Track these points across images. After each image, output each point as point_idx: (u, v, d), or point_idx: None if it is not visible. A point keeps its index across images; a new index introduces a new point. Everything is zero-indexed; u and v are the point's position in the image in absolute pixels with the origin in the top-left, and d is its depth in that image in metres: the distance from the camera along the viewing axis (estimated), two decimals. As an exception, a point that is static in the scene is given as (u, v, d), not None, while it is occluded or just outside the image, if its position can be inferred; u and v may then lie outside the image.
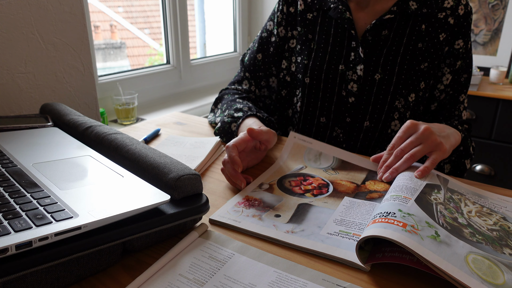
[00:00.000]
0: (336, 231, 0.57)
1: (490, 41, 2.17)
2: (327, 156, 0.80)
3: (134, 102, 1.62)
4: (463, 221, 0.56)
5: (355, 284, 0.47)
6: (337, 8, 0.92)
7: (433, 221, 0.53)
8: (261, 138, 0.76)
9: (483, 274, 0.45)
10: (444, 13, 0.89)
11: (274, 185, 0.72)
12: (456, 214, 0.58)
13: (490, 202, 0.65)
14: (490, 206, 0.64)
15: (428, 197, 0.60)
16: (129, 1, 2.13)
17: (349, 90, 0.93)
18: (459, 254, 0.48)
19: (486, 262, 0.48)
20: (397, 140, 0.72)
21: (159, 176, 0.57)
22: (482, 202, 0.65)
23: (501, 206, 0.64)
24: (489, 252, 0.50)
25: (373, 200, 0.65)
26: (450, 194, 0.64)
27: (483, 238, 0.53)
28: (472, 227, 0.56)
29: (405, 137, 0.71)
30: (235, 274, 0.49)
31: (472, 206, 0.62)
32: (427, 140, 0.69)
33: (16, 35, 0.93)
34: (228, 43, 2.42)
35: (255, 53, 1.05)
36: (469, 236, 0.53)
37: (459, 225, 0.55)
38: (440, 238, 0.49)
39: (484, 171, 2.02)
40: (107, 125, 0.75)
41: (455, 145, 0.78)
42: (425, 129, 0.69)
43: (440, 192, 0.63)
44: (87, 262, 0.47)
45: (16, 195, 0.50)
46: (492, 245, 0.52)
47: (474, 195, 0.67)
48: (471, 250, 0.49)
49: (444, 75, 0.91)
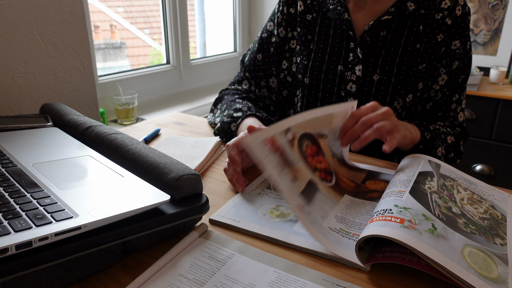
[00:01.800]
0: (336, 228, 0.57)
1: (490, 41, 2.17)
2: (338, 144, 0.76)
3: (134, 102, 1.62)
4: (457, 210, 0.58)
5: (355, 284, 0.47)
6: (335, 9, 0.92)
7: (429, 213, 0.54)
8: None
9: (479, 268, 0.47)
10: (441, 14, 0.89)
11: (295, 141, 0.65)
12: (450, 203, 0.59)
13: (479, 189, 0.67)
14: (480, 194, 0.65)
15: (422, 186, 0.60)
16: (129, 1, 2.13)
17: (348, 90, 0.93)
18: (456, 248, 0.48)
19: (481, 255, 0.49)
20: (363, 110, 0.72)
21: (159, 176, 0.57)
22: (472, 188, 0.66)
23: (489, 194, 0.66)
24: (482, 244, 0.51)
25: (373, 200, 0.65)
26: (443, 181, 0.65)
27: (476, 228, 0.55)
28: (465, 216, 0.57)
29: (370, 110, 0.72)
30: (235, 274, 0.49)
31: (464, 193, 0.63)
32: (389, 118, 0.70)
33: (16, 35, 0.93)
34: (228, 43, 2.42)
35: (255, 53, 1.05)
36: (464, 227, 0.54)
37: (453, 215, 0.56)
38: (437, 232, 0.50)
39: (484, 171, 2.02)
40: (107, 125, 0.75)
41: (409, 136, 0.78)
42: (388, 109, 0.71)
43: (433, 179, 0.64)
44: (87, 262, 0.47)
45: (16, 195, 0.50)
46: (484, 235, 0.54)
47: (465, 181, 0.68)
48: (467, 243, 0.50)
49: (440, 75, 0.92)
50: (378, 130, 0.68)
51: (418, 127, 0.86)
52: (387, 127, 0.69)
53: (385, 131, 0.69)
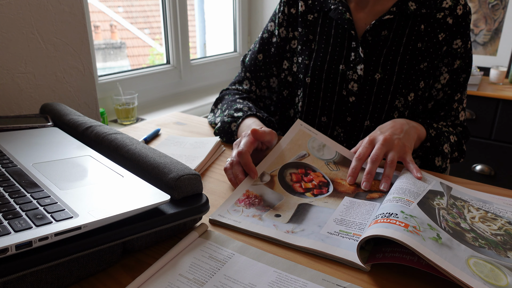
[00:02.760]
0: (336, 230, 0.57)
1: (490, 41, 2.17)
2: (330, 149, 0.79)
3: (134, 102, 1.62)
4: (466, 226, 0.56)
5: (355, 284, 0.47)
6: (337, 9, 0.92)
7: (435, 224, 0.53)
8: (264, 139, 0.76)
9: (485, 277, 0.45)
10: (442, 13, 0.89)
11: (275, 178, 0.71)
12: (458, 219, 0.57)
13: (495, 207, 0.64)
14: (495, 211, 0.63)
15: (431, 202, 0.60)
16: (129, 1, 2.13)
17: (349, 89, 0.93)
18: (461, 257, 0.48)
19: (488, 266, 0.48)
20: (364, 149, 0.74)
21: (159, 176, 0.57)
22: (487, 207, 0.64)
23: (507, 211, 0.63)
24: (491, 257, 0.50)
25: (373, 200, 0.65)
26: (453, 201, 0.64)
27: (486, 242, 0.53)
28: (475, 232, 0.55)
29: (370, 147, 0.74)
30: (235, 274, 0.49)
31: (476, 213, 0.61)
32: (393, 147, 0.73)
33: (16, 35, 0.93)
34: (228, 43, 2.42)
35: (256, 54, 1.05)
36: (472, 240, 0.52)
37: (461, 229, 0.55)
38: (442, 241, 0.49)
39: (484, 171, 2.02)
40: (107, 125, 0.75)
41: (416, 139, 0.81)
42: (385, 139, 0.73)
43: (443, 198, 0.63)
44: (87, 262, 0.47)
45: (16, 195, 0.50)
46: (495, 249, 0.52)
47: (478, 201, 0.66)
48: (473, 254, 0.49)
49: (441, 74, 0.92)
50: (391, 167, 0.71)
51: (422, 124, 0.86)
52: (396, 157, 0.72)
53: (397, 160, 0.72)
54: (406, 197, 0.59)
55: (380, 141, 0.73)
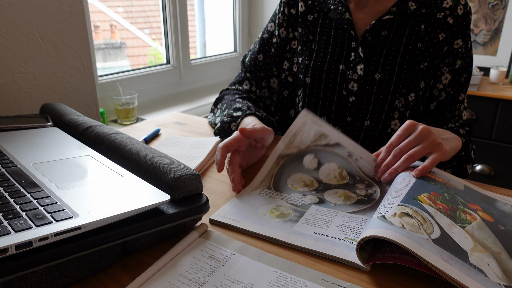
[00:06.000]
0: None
1: (490, 41, 2.17)
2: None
3: (134, 102, 1.62)
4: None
5: (355, 284, 0.47)
6: (337, 9, 0.92)
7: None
8: (254, 137, 0.75)
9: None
10: (443, 13, 0.89)
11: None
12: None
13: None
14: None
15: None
16: (129, 1, 2.13)
17: (349, 89, 0.93)
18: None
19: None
20: (396, 138, 0.70)
21: (159, 176, 0.57)
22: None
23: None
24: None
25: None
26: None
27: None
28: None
29: (404, 136, 0.70)
30: (235, 274, 0.49)
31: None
32: (425, 140, 0.67)
33: (16, 35, 0.93)
34: (228, 43, 2.42)
35: (256, 54, 1.05)
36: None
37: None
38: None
39: (484, 171, 2.02)
40: (107, 125, 0.75)
41: (455, 150, 0.76)
42: (423, 129, 0.68)
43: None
44: (87, 262, 0.47)
45: (16, 195, 0.50)
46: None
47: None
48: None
49: (443, 75, 0.92)
50: (407, 161, 0.67)
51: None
52: (418, 155, 0.66)
53: (419, 157, 0.67)
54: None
55: (415, 133, 0.68)
